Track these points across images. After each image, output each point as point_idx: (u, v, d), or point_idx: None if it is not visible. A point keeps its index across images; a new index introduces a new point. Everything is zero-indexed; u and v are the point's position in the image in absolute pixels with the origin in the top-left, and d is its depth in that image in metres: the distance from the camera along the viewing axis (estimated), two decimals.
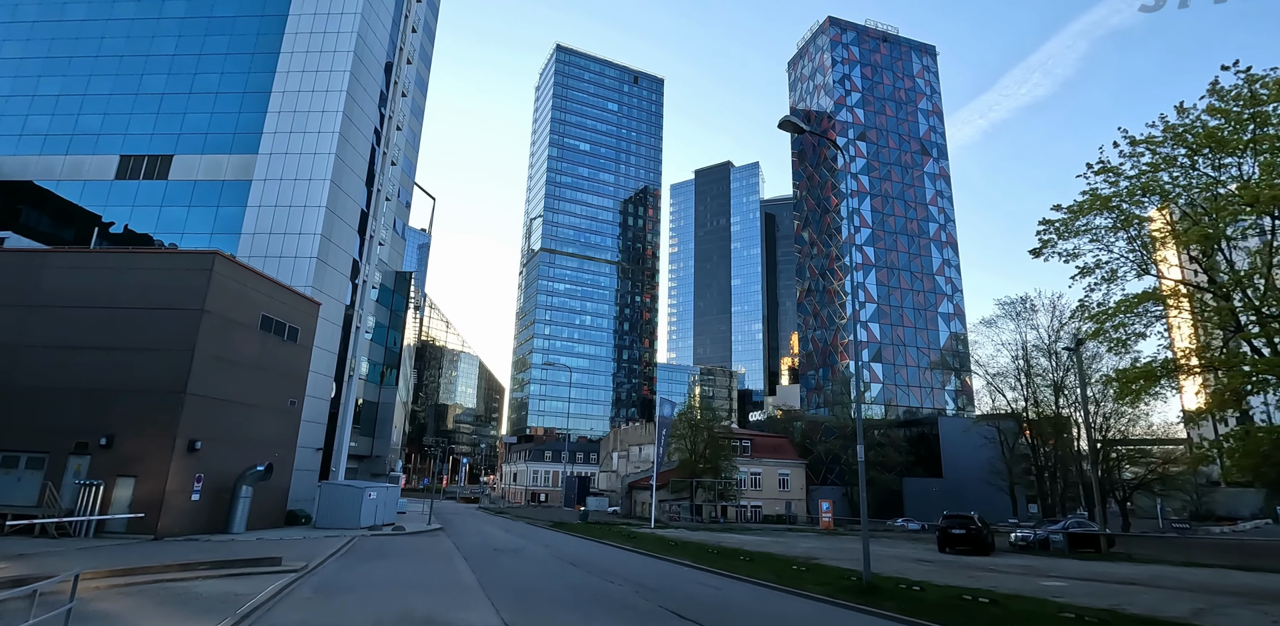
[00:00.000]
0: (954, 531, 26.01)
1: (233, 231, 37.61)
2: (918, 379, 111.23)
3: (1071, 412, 53.70)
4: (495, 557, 20.24)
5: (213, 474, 25.92)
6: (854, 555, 22.95)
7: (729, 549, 23.40)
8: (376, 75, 44.69)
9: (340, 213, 39.95)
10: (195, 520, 25.30)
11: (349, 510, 31.05)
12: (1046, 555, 26.68)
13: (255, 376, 28.54)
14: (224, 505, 26.45)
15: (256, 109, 40.15)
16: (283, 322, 30.39)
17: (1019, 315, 55.99)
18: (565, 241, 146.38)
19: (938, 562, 20.57)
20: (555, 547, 24.39)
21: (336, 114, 39.71)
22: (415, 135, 57.87)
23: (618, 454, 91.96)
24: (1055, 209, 23.54)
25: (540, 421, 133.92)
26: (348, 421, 41.20)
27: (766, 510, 70.08)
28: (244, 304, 27.93)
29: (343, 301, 40.51)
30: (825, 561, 19.63)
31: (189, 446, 24.82)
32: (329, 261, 38.68)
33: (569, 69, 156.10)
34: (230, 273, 27.07)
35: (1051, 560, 23.36)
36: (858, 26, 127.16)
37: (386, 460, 51.86)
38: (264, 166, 38.88)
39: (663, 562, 19.57)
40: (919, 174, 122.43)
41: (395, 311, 53.91)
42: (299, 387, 32.13)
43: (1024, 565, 20.49)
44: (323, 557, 18.72)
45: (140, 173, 39.50)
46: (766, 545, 27.55)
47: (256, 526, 28.25)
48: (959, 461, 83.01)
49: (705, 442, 64.38)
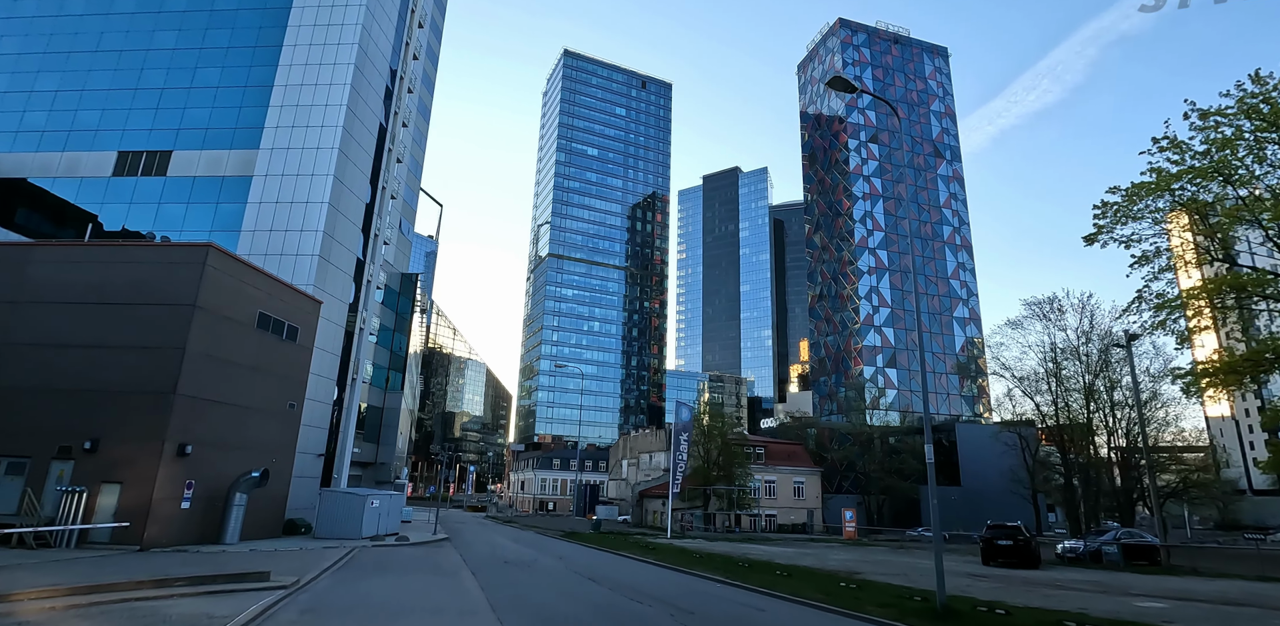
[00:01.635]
0: (1000, 543, 24.07)
1: (233, 228, 36.23)
2: (933, 384, 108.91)
3: (1103, 417, 51.62)
4: (506, 572, 18.49)
5: (204, 480, 24.30)
6: (898, 569, 21.10)
7: (759, 561, 21.57)
8: (382, 69, 43.41)
9: (344, 209, 38.53)
10: (185, 529, 23.66)
11: (350, 519, 29.36)
12: (1100, 568, 24.69)
13: (252, 377, 26.97)
14: (216, 513, 24.82)
15: (258, 103, 38.87)
16: (281, 321, 28.85)
17: (1046, 316, 54.00)
18: (573, 247, 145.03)
19: (993, 577, 18.70)
20: (570, 560, 22.60)
21: (340, 108, 38.38)
22: (422, 135, 56.61)
23: (627, 461, 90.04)
24: (1112, 191, 21.80)
25: (548, 429, 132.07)
26: (351, 426, 39.59)
27: (781, 519, 67.96)
28: (240, 300, 26.42)
29: (345, 301, 39.00)
30: (871, 576, 17.80)
31: (179, 450, 23.22)
32: (331, 260, 37.21)
33: (577, 74, 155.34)
34: (225, 267, 25.57)
35: (1113, 574, 21.41)
36: (868, 28, 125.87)
37: (391, 467, 50.19)
38: (265, 162, 37.53)
39: (691, 578, 17.77)
40: (932, 176, 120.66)
41: (401, 314, 52.41)
42: (299, 390, 30.55)
43: (1092, 581, 18.56)
44: (317, 572, 17.03)
45: (138, 169, 38.22)
46: (796, 557, 25.68)
47: (252, 536, 26.60)
48: (977, 469, 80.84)
49: (718, 449, 62.54)
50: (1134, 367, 29.06)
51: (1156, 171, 19.39)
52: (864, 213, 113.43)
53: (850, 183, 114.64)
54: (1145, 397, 53.85)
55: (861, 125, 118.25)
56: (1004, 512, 72.70)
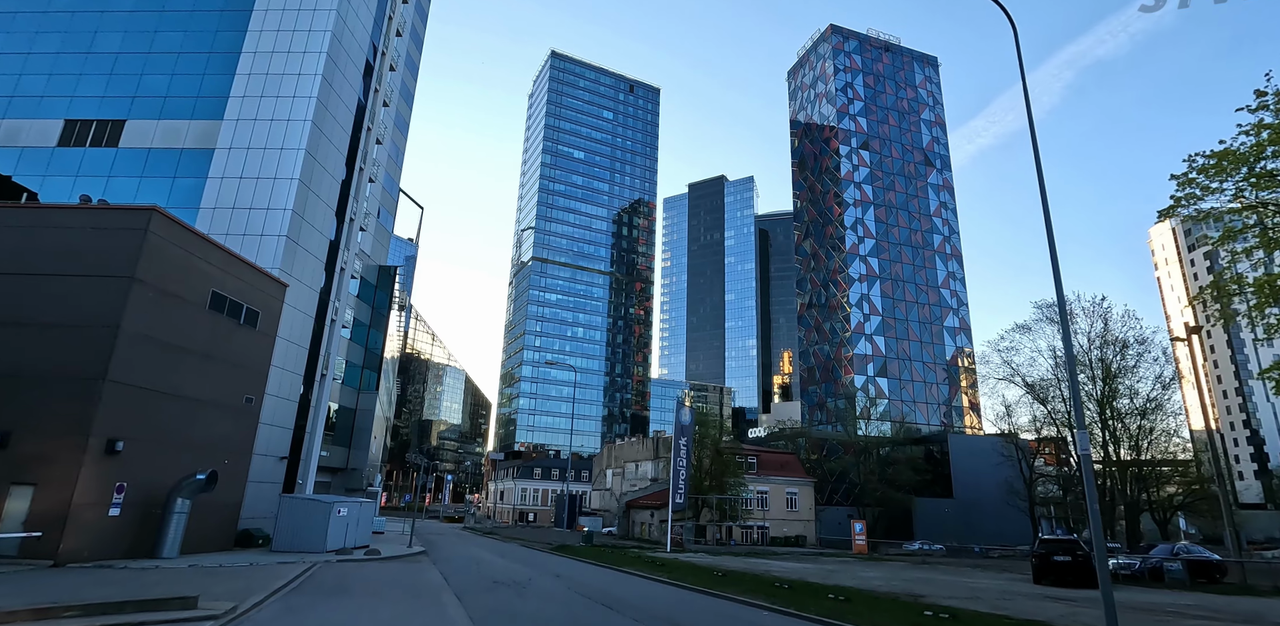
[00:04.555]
0: (1057, 559, 21.18)
1: (191, 205, 32.63)
2: (924, 395, 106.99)
3: (1114, 426, 49.47)
4: (498, 595, 15.17)
5: (140, 483, 20.68)
6: (959, 590, 18.12)
7: (796, 581, 18.40)
8: (362, 41, 40.19)
9: (316, 188, 35.09)
10: (113, 541, 19.99)
11: (313, 530, 25.74)
12: (1164, 587, 21.93)
13: (202, 365, 23.43)
14: (153, 522, 21.17)
15: (224, 71, 35.43)
16: (239, 303, 25.36)
17: (1053, 320, 51.83)
18: (558, 251, 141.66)
19: (1077, 600, 15.79)
20: (571, 579, 19.27)
21: (315, 77, 35.07)
22: (404, 121, 53.26)
23: (612, 471, 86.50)
24: (1192, 159, 19.24)
25: (529, 437, 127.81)
26: (319, 427, 35.88)
27: (774, 531, 64.80)
28: (190, 276, 22.93)
29: (316, 289, 35.45)
30: (943, 600, 14.77)
31: (108, 447, 19.63)
32: (301, 242, 33.71)
33: (564, 76, 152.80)
34: (172, 235, 22.11)
35: (1198, 596, 18.62)
36: (860, 35, 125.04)
37: (364, 474, 46.30)
38: (229, 134, 34.05)
39: (728, 603, 14.61)
40: (922, 185, 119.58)
41: (378, 309, 48.75)
42: (258, 383, 26.99)
43: (1186, 604, 15.71)
44: (263, 595, 13.61)
45: (87, 139, 34.52)
46: (826, 575, 22.57)
47: (197, 549, 22.93)
48: (970, 480, 78.76)
49: (710, 458, 59.48)
50: (1195, 362, 26.32)
51: (1259, 127, 16.84)
52: (855, 219, 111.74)
53: (841, 189, 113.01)
54: (1149, 406, 52.03)
55: (853, 131, 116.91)
56: (999, 525, 70.64)
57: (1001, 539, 66.69)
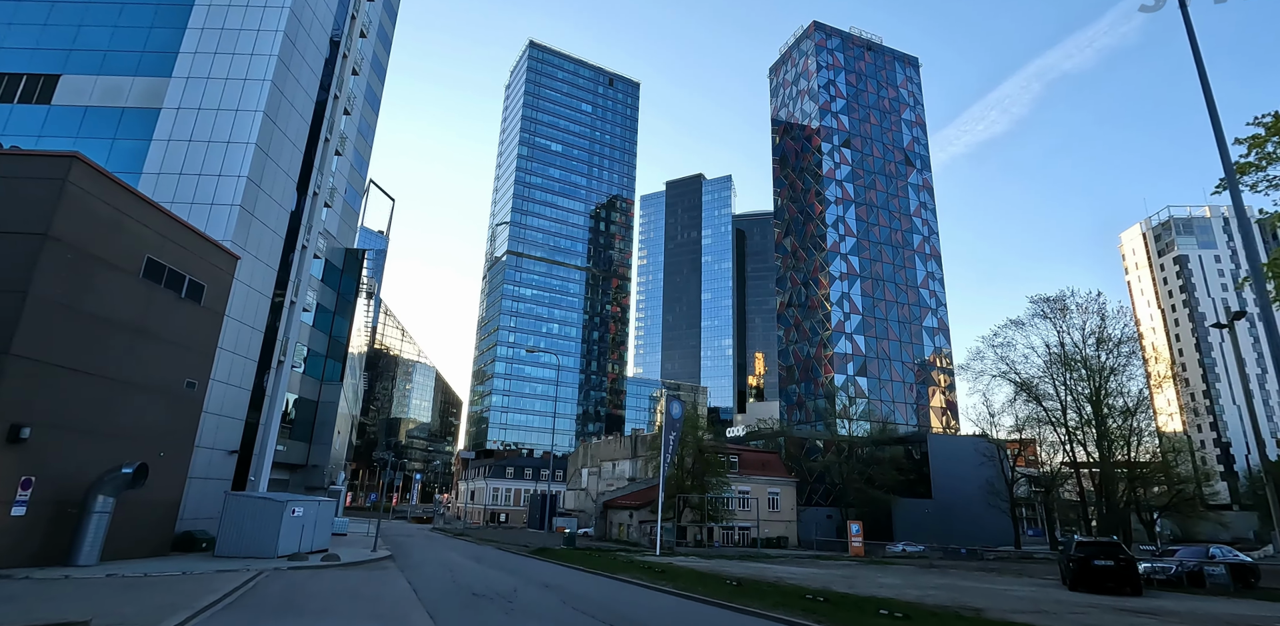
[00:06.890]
0: (1098, 563, 19.15)
1: (133, 170, 29.24)
2: (901, 395, 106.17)
3: (1108, 426, 48.40)
4: (479, 612, 12.50)
5: (51, 477, 17.56)
6: (995, 599, 15.93)
7: (827, 592, 15.95)
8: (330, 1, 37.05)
9: (275, 156, 31.90)
10: (15, 545, 16.85)
11: (263, 532, 22.69)
12: (1207, 594, 20.07)
13: (133, 342, 20.29)
14: (68, 523, 18.04)
15: (174, 24, 32.06)
16: (181, 274, 22.23)
17: (1048, 316, 50.74)
18: (534, 245, 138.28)
19: (1160, 613, 13.66)
20: (564, 590, 16.62)
21: (276, 34, 31.90)
22: (375, 95, 49.97)
23: (588, 470, 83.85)
24: (1261, 120, 17.37)
25: (501, 435, 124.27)
26: (275, 419, 32.63)
27: (755, 533, 62.74)
28: (120, 238, 19.80)
29: (273, 266, 32.23)
30: (1009, 615, 12.50)
31: (10, 434, 16.53)
32: (257, 213, 30.51)
33: (542, 67, 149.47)
34: (98, 189, 18.97)
35: (1255, 604, 16.70)
36: (842, 33, 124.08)
37: (325, 471, 42.98)
38: (178, 93, 30.73)
39: (761, 620, 12.13)
40: (903, 184, 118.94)
41: (344, 295, 45.44)
42: (202, 366, 23.84)
43: (1262, 616, 13.70)
44: (183, 616, 10.77)
45: (15, 95, 30.88)
46: (835, 581, 20.26)
47: (125, 554, 19.80)
48: (949, 481, 77.85)
49: (692, 456, 57.21)
50: (1239, 349, 24.56)
51: None
52: (836, 217, 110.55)
53: (823, 186, 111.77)
54: (1140, 405, 51.24)
55: (835, 129, 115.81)
56: (979, 525, 69.55)
57: (981, 539, 65.52)
